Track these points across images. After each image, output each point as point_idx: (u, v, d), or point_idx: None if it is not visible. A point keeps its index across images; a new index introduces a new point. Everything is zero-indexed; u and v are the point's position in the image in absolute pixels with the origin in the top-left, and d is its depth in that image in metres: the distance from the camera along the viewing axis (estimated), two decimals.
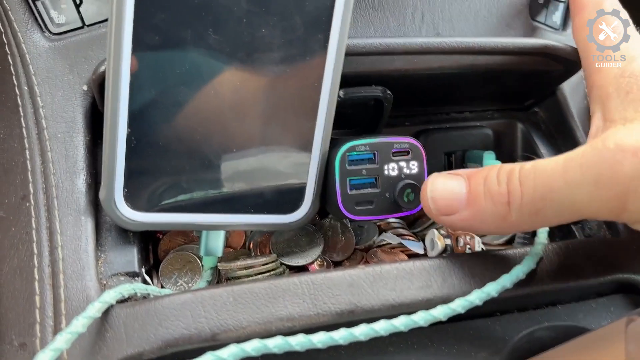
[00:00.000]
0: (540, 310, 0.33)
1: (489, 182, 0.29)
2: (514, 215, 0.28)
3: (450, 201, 0.30)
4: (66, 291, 0.28)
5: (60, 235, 0.30)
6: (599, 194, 0.26)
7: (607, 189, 0.26)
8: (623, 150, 0.25)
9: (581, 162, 0.26)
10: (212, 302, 0.27)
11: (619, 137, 0.26)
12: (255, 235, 0.38)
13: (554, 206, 0.27)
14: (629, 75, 0.30)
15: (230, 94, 0.30)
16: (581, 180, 0.26)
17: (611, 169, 0.25)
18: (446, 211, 0.30)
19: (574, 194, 0.26)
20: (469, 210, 0.30)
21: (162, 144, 0.30)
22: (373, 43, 0.34)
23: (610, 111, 0.29)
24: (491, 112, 0.44)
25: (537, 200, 0.27)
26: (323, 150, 0.33)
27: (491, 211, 0.29)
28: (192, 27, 0.28)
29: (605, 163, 0.26)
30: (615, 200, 0.26)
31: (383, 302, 0.29)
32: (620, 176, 0.25)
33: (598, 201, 0.26)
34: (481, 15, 0.41)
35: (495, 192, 0.29)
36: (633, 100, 0.28)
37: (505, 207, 0.28)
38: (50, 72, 0.33)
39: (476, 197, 0.29)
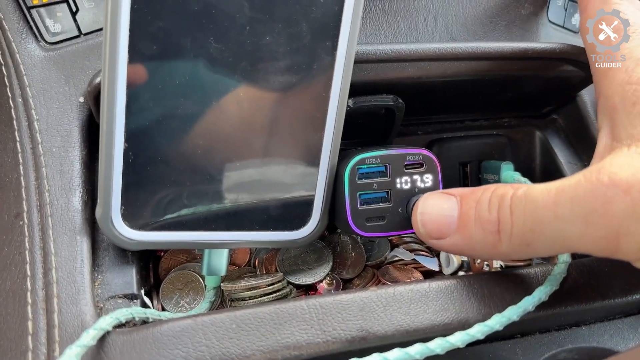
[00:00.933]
0: (564, 332, 0.31)
1: (480, 207, 0.27)
2: (504, 245, 0.26)
3: (441, 225, 0.29)
4: (60, 316, 0.27)
5: (55, 256, 0.28)
6: (590, 232, 0.24)
7: (598, 228, 0.23)
8: (616, 186, 0.23)
9: (572, 196, 0.24)
10: (214, 328, 0.26)
11: (614, 170, 0.24)
12: (260, 252, 0.37)
13: (544, 239, 0.25)
14: (636, 81, 0.27)
15: (233, 105, 0.28)
16: (571, 216, 0.24)
17: (602, 207, 0.23)
18: (436, 235, 0.29)
19: (564, 229, 0.24)
20: (459, 235, 0.28)
21: (161, 159, 0.28)
22: (384, 49, 0.32)
23: (617, 127, 0.27)
24: (508, 119, 0.42)
25: (527, 232, 0.25)
26: (332, 162, 0.31)
27: (481, 238, 0.27)
28: (192, 36, 0.27)
29: (597, 200, 0.23)
30: (606, 239, 0.23)
31: (397, 327, 0.27)
32: (610, 215, 0.23)
33: (589, 239, 0.24)
34: (497, 18, 0.39)
35: (485, 219, 0.27)
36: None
37: (495, 235, 0.26)
38: (45, 83, 0.32)
39: (467, 222, 0.28)
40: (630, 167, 0.24)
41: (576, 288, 0.30)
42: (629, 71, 0.28)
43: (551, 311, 0.29)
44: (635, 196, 0.23)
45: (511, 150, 0.41)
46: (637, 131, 0.26)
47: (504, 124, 0.42)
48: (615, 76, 0.28)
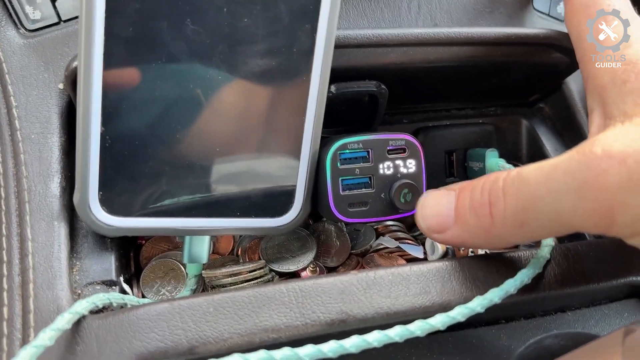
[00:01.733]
0: (549, 317, 0.31)
1: (474, 195, 0.27)
2: (498, 228, 0.26)
3: (440, 218, 0.28)
4: (36, 302, 0.26)
5: (32, 242, 0.28)
6: (583, 205, 0.23)
7: (591, 200, 0.23)
8: (610, 157, 0.22)
9: (565, 169, 0.24)
10: (191, 312, 0.25)
11: (608, 142, 0.23)
12: (244, 240, 0.36)
13: (538, 217, 0.25)
14: (625, 62, 0.27)
15: (212, 90, 0.28)
16: (564, 190, 0.23)
17: (596, 178, 0.22)
18: (437, 229, 0.29)
19: (556, 204, 0.24)
20: (457, 226, 0.28)
21: (139, 144, 0.28)
22: (365, 34, 0.32)
23: (609, 105, 0.27)
24: (494, 108, 0.42)
25: (520, 211, 0.25)
26: (313, 149, 0.31)
27: (475, 224, 0.27)
28: (169, 18, 0.26)
29: (590, 171, 0.23)
30: (600, 212, 0.23)
31: (377, 310, 0.27)
32: (605, 186, 0.22)
33: (582, 213, 0.23)
34: (481, 5, 0.39)
35: (478, 204, 0.27)
36: (631, 90, 0.26)
37: (488, 219, 0.26)
38: (24, 70, 0.32)
39: (462, 210, 0.28)
40: (626, 138, 0.23)
41: (560, 272, 0.30)
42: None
43: (535, 295, 0.29)
44: (632, 167, 0.22)
45: (498, 138, 0.41)
46: (629, 107, 0.26)
47: (490, 112, 0.42)
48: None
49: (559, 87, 0.41)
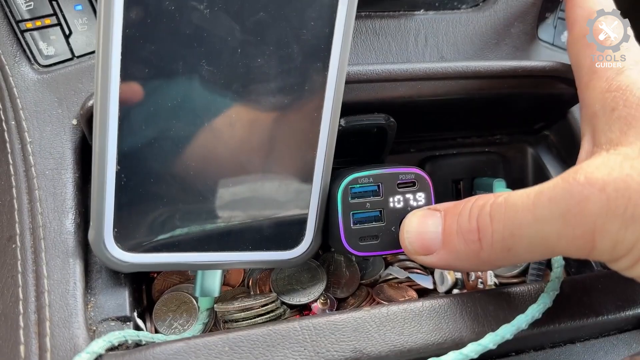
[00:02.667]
0: (558, 349, 0.31)
1: (461, 219, 0.28)
2: (486, 252, 0.27)
3: (426, 241, 0.29)
4: (52, 340, 0.27)
5: (47, 279, 0.28)
6: (567, 231, 0.24)
7: (575, 226, 0.24)
8: (591, 184, 0.23)
9: (550, 197, 0.24)
10: (207, 351, 0.25)
11: (590, 170, 0.24)
12: (254, 272, 0.37)
13: (524, 243, 0.25)
14: (615, 89, 0.28)
15: (226, 126, 0.29)
16: (549, 216, 0.24)
17: (578, 206, 0.23)
18: (423, 252, 0.29)
19: (542, 230, 0.24)
20: (444, 250, 0.28)
21: (153, 181, 0.28)
22: (374, 69, 0.33)
23: (597, 133, 0.28)
24: (500, 136, 0.43)
25: (507, 237, 0.26)
26: (324, 182, 0.32)
27: (464, 249, 0.27)
28: (184, 59, 0.27)
29: (573, 199, 0.23)
30: (582, 239, 0.24)
31: (391, 347, 0.27)
32: (586, 214, 0.23)
33: (566, 239, 0.24)
34: (487, 37, 0.40)
35: (466, 229, 0.27)
36: (618, 118, 0.27)
37: (477, 244, 0.27)
38: (38, 106, 0.32)
39: (450, 235, 0.28)
40: (606, 167, 0.24)
41: (569, 305, 0.30)
42: (609, 80, 0.28)
43: (545, 329, 0.29)
44: (611, 194, 0.23)
45: (503, 167, 0.41)
46: (615, 135, 0.26)
47: (495, 141, 0.42)
48: (596, 85, 0.29)
49: (564, 116, 0.41)
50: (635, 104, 0.26)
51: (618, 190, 0.23)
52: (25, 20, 0.33)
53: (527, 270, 0.38)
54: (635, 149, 0.24)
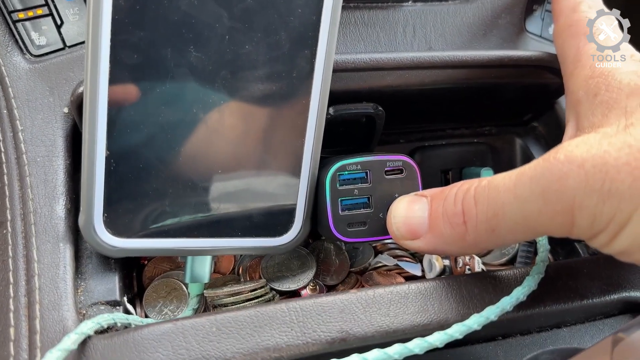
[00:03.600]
0: (544, 333, 0.31)
1: (447, 203, 0.28)
2: (472, 235, 0.27)
3: (413, 226, 0.29)
4: (42, 322, 0.27)
5: (38, 263, 0.28)
6: (547, 208, 0.24)
7: (554, 203, 0.24)
8: (570, 162, 0.24)
9: (531, 176, 0.25)
10: (194, 332, 0.26)
11: (570, 148, 0.25)
12: (244, 259, 0.37)
13: (506, 223, 0.26)
14: (598, 75, 0.28)
15: (214, 114, 0.29)
16: (529, 195, 0.25)
17: (558, 182, 0.24)
18: (410, 236, 0.30)
19: (523, 209, 0.25)
20: (431, 234, 0.29)
21: (143, 167, 0.29)
22: (362, 58, 0.33)
23: (580, 118, 0.28)
24: (488, 127, 0.43)
25: (491, 217, 0.26)
26: (313, 170, 0.32)
27: (450, 233, 0.28)
28: (172, 46, 0.27)
29: (553, 176, 0.24)
30: (562, 215, 0.24)
31: (377, 328, 0.27)
32: (565, 190, 0.24)
33: (546, 216, 0.25)
34: (475, 28, 0.40)
35: (451, 213, 0.28)
36: (601, 102, 0.27)
37: (462, 227, 0.27)
38: (30, 94, 0.32)
39: (436, 219, 0.28)
40: (585, 145, 0.24)
41: (555, 289, 0.31)
42: (592, 67, 0.29)
43: (530, 312, 0.30)
44: (589, 170, 0.23)
45: (492, 157, 0.42)
46: (597, 119, 0.27)
47: (484, 132, 0.43)
48: (580, 73, 0.29)
49: (552, 107, 0.42)
50: (616, 88, 0.27)
51: (596, 166, 0.23)
52: (17, 11, 0.33)
53: (515, 259, 0.38)
54: (613, 129, 0.25)
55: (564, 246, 0.38)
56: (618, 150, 0.23)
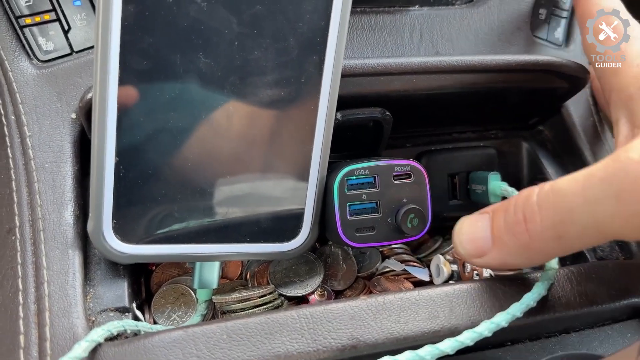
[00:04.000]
0: (553, 339, 0.31)
1: (508, 215, 0.27)
2: (537, 243, 0.26)
3: (477, 243, 0.29)
4: (52, 329, 0.27)
5: (47, 270, 0.28)
6: (622, 209, 0.23)
7: (631, 204, 0.23)
8: None
9: (602, 177, 0.24)
10: (205, 339, 0.26)
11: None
12: (252, 265, 0.37)
13: (575, 228, 0.25)
14: None
15: (223, 119, 0.29)
16: (602, 196, 0.23)
17: (635, 183, 0.23)
18: (476, 254, 0.29)
19: (595, 211, 0.24)
20: (496, 248, 0.28)
21: (152, 173, 0.29)
22: (370, 63, 0.33)
23: (636, 114, 0.27)
24: (495, 131, 0.43)
25: (558, 224, 0.25)
26: (321, 175, 0.32)
27: (513, 243, 0.27)
28: (182, 52, 0.27)
29: (628, 176, 0.23)
30: (639, 217, 0.23)
31: (387, 335, 0.27)
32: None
33: (621, 218, 0.23)
34: (481, 32, 0.40)
35: (513, 222, 0.27)
36: None
37: (525, 235, 0.26)
38: (37, 100, 0.32)
39: (498, 232, 0.28)
40: None
41: (564, 294, 0.31)
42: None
43: (540, 317, 0.29)
44: None
45: (499, 161, 0.42)
46: None
47: (491, 135, 0.43)
48: (627, 71, 0.29)
49: (558, 111, 0.42)
50: None
51: None
52: (24, 16, 0.33)
53: None
54: None
55: None
56: None
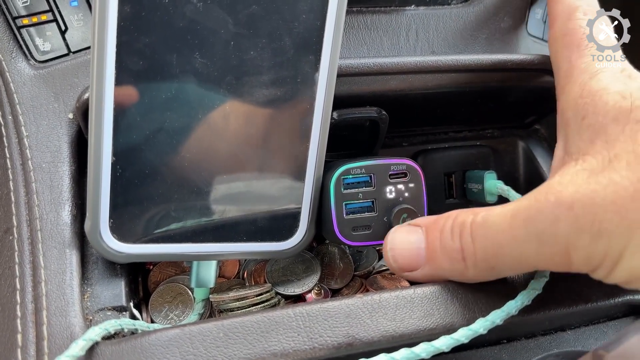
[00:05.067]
0: (549, 336, 0.32)
1: (444, 237, 0.28)
2: (471, 271, 0.28)
3: (410, 258, 0.30)
4: (49, 328, 0.27)
5: (44, 269, 0.29)
6: (544, 250, 0.25)
7: (550, 245, 0.25)
8: (561, 204, 0.24)
9: (525, 217, 0.25)
10: (201, 337, 0.26)
11: (560, 188, 0.25)
12: (249, 264, 0.37)
13: (506, 261, 0.26)
14: (587, 94, 0.28)
15: (220, 119, 0.29)
16: (526, 237, 0.25)
17: (552, 226, 0.24)
18: (408, 268, 0.30)
19: (521, 249, 0.26)
20: (429, 266, 0.29)
21: (149, 173, 0.29)
22: (366, 63, 0.33)
23: (568, 140, 0.28)
24: (491, 130, 0.43)
25: (490, 257, 0.27)
26: (317, 174, 0.32)
27: (449, 267, 0.28)
28: (178, 52, 0.27)
29: (546, 219, 0.24)
30: (559, 256, 0.25)
31: (382, 333, 0.27)
32: (559, 233, 0.24)
33: (544, 256, 0.25)
34: (477, 32, 0.40)
35: (450, 248, 0.28)
36: (588, 126, 0.27)
37: (461, 263, 0.28)
38: (35, 100, 0.33)
39: (434, 252, 0.29)
40: (574, 184, 0.25)
41: (559, 292, 0.31)
42: (582, 85, 0.28)
43: (535, 315, 0.30)
44: (578, 212, 0.24)
45: (495, 160, 0.42)
46: (584, 144, 0.26)
47: (487, 134, 0.43)
48: (571, 90, 0.29)
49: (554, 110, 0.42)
50: (602, 111, 0.26)
51: (585, 207, 0.23)
52: (21, 17, 0.33)
53: None
54: (599, 161, 0.25)
55: None
56: (604, 189, 0.23)
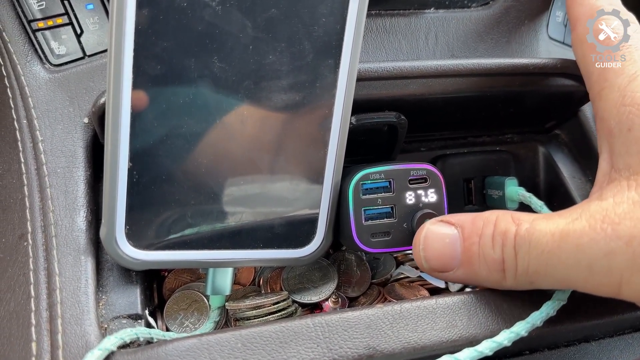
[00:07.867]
0: (572, 348, 0.31)
1: (484, 245, 0.28)
2: (509, 283, 0.27)
3: (444, 260, 0.29)
4: (64, 337, 0.27)
5: (59, 276, 0.28)
6: (594, 279, 0.25)
7: (601, 276, 0.24)
8: (619, 238, 0.24)
9: (577, 244, 0.25)
10: (219, 348, 0.25)
11: (617, 220, 0.24)
12: (265, 271, 0.36)
13: (548, 280, 0.26)
14: (630, 102, 0.27)
15: (237, 124, 0.29)
16: (575, 264, 0.25)
17: (606, 258, 0.24)
18: (440, 269, 0.29)
19: (568, 274, 0.25)
20: (464, 269, 0.29)
21: (165, 179, 0.28)
22: (385, 67, 0.33)
23: (614, 154, 0.27)
24: (511, 135, 0.42)
25: (532, 273, 0.26)
26: (335, 179, 0.31)
27: (486, 275, 0.28)
28: (196, 56, 0.27)
29: (600, 250, 0.24)
30: (609, 286, 0.24)
31: (404, 345, 0.27)
32: (614, 266, 0.24)
33: (593, 284, 0.25)
34: (497, 35, 0.39)
35: (490, 258, 0.27)
36: (636, 140, 0.26)
37: (500, 273, 0.27)
38: (50, 104, 0.32)
39: (470, 258, 0.28)
40: (632, 218, 0.24)
41: (584, 303, 0.30)
42: (622, 90, 0.28)
43: (559, 327, 0.29)
44: (637, 249, 0.23)
45: (515, 165, 0.41)
46: (634, 161, 0.26)
47: (506, 139, 0.42)
48: (609, 96, 0.28)
49: (575, 114, 0.41)
50: None
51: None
52: (37, 20, 0.33)
53: None
54: None
55: None
56: None
